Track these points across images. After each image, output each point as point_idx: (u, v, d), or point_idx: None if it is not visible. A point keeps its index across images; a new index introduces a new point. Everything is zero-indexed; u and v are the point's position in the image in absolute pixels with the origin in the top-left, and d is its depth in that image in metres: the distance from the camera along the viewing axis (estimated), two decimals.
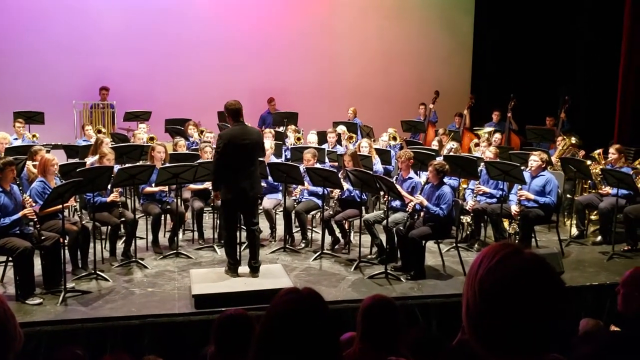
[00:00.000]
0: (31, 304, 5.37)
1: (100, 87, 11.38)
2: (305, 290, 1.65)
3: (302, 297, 1.61)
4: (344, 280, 6.20)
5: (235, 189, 5.78)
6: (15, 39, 11.26)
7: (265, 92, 11.86)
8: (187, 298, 5.57)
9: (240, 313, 2.84)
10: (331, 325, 1.62)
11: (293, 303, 1.58)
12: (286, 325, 1.55)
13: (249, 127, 6.09)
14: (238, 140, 5.74)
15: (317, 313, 1.59)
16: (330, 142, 9.21)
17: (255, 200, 6.13)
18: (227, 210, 5.98)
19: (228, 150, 5.72)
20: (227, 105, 5.90)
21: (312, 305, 1.60)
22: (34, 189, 6.00)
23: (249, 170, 5.82)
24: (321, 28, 12.87)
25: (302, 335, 1.54)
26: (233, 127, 5.90)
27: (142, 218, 7.54)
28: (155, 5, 11.92)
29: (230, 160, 5.76)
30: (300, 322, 1.55)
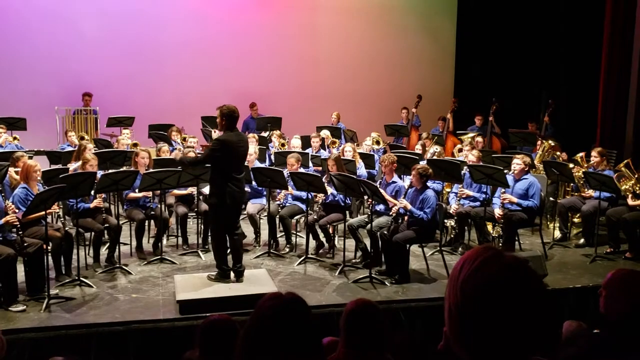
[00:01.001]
0: (14, 310, 5.32)
1: (83, 93, 11.31)
2: (288, 294, 1.67)
3: (285, 302, 1.63)
4: (329, 285, 6.22)
5: (226, 192, 5.77)
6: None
7: (247, 96, 11.86)
8: (171, 304, 5.55)
9: (224, 318, 2.85)
10: (314, 329, 1.64)
11: (276, 308, 1.60)
12: (269, 329, 1.57)
13: (241, 134, 6.15)
14: (235, 147, 5.75)
15: (300, 317, 1.61)
16: (314, 147, 9.23)
17: (239, 205, 6.17)
18: (216, 213, 5.96)
19: (221, 155, 5.70)
20: (224, 111, 5.79)
21: (295, 310, 1.62)
22: (17, 196, 5.94)
23: (239, 175, 5.87)
24: (304, 32, 12.92)
25: (286, 340, 1.56)
26: (231, 133, 5.83)
27: (126, 224, 7.50)
28: (137, 11, 11.88)
29: (226, 165, 5.76)
30: (283, 326, 1.57)
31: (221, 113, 5.81)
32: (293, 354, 1.55)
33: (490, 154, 9.00)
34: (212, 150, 5.80)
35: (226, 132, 5.83)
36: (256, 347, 1.57)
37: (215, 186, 5.83)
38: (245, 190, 6.18)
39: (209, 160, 5.84)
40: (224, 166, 5.76)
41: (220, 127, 5.92)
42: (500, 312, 1.19)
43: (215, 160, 5.75)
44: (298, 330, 1.59)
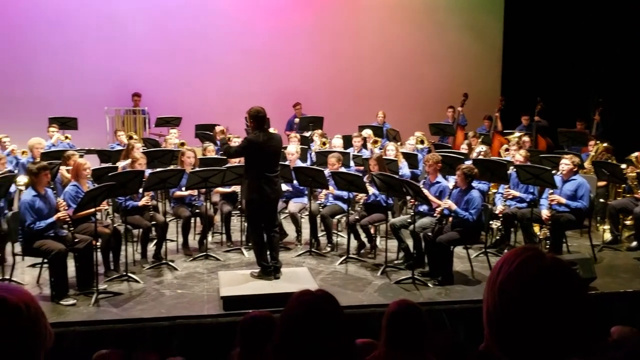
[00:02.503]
0: (65, 304, 5.51)
1: (132, 94, 11.61)
2: (318, 292, 1.67)
3: (314, 299, 1.64)
4: (370, 285, 6.20)
5: (259, 191, 5.89)
6: (50, 46, 11.55)
7: (291, 96, 11.93)
8: (215, 300, 5.64)
9: (263, 315, 2.88)
10: (344, 327, 1.64)
11: (306, 304, 1.61)
12: (299, 325, 1.57)
13: (272, 133, 6.20)
14: (263, 147, 5.83)
15: (329, 314, 1.61)
16: (355, 146, 9.20)
17: (275, 203, 6.21)
18: (252, 211, 6.07)
19: (251, 154, 5.88)
20: (252, 112, 5.98)
21: (325, 307, 1.62)
22: (68, 193, 6.15)
23: (272, 174, 5.94)
24: (347, 31, 12.90)
25: (316, 336, 1.56)
26: (259, 133, 5.94)
27: (173, 221, 7.66)
28: (184, 12, 12.10)
29: (256, 164, 5.87)
30: (313, 322, 1.57)
31: (249, 115, 6.02)
32: (323, 351, 1.55)
33: (537, 154, 8.78)
34: (240, 147, 6.07)
35: (254, 132, 5.96)
36: (288, 343, 1.58)
37: (248, 184, 5.99)
38: (280, 188, 6.21)
39: (235, 154, 6.25)
40: (254, 165, 5.92)
41: (251, 129, 6.07)
42: (539, 314, 1.17)
43: (243, 155, 5.94)
44: (327, 327, 1.59)
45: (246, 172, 6.11)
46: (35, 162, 6.73)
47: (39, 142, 8.25)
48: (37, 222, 5.64)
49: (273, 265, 6.10)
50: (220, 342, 5.11)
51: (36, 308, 1.32)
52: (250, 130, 6.08)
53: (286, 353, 1.58)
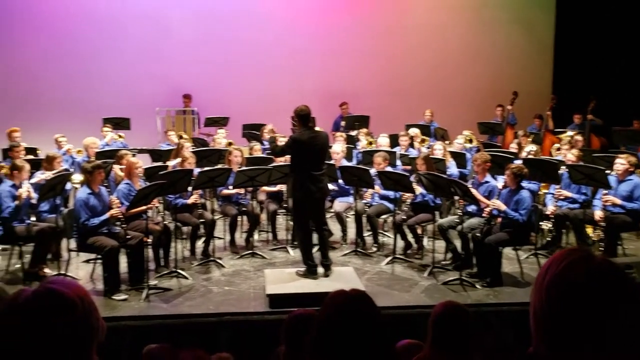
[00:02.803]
0: (117, 299, 5.68)
1: (183, 95, 11.86)
2: (352, 291, 1.67)
3: (349, 299, 1.63)
4: (417, 286, 6.15)
5: (304, 190, 5.94)
6: (106, 50, 11.92)
7: (337, 95, 11.94)
8: (262, 297, 5.71)
9: (308, 313, 2.89)
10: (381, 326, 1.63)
11: (339, 305, 1.61)
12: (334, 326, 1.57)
13: (318, 131, 6.20)
14: (307, 145, 5.87)
15: (365, 314, 1.60)
16: (402, 145, 9.13)
17: (321, 202, 6.22)
18: (298, 209, 6.13)
19: (296, 153, 5.94)
20: (296, 111, 6.06)
21: (360, 307, 1.61)
22: (121, 191, 6.34)
23: (317, 172, 5.96)
24: (393, 29, 12.80)
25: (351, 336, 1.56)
26: (303, 131, 6.01)
27: (220, 219, 7.79)
28: (231, 15, 12.27)
29: (300, 163, 5.91)
30: (347, 323, 1.57)
31: (294, 113, 6.09)
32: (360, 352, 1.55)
33: (590, 153, 8.50)
34: (285, 146, 6.16)
35: (302, 131, 6.01)
36: (323, 343, 1.58)
37: (293, 183, 6.09)
38: (326, 186, 6.22)
39: (281, 153, 6.35)
40: (299, 163, 5.98)
41: (298, 127, 6.12)
42: (587, 317, 1.13)
43: (288, 154, 6.06)
44: (363, 328, 1.58)
45: (292, 170, 6.19)
46: (90, 161, 6.97)
47: (93, 142, 8.53)
48: (91, 219, 5.84)
49: (323, 264, 6.13)
50: (266, 339, 5.16)
51: (89, 302, 1.36)
52: (295, 129, 6.13)
53: (322, 353, 1.58)
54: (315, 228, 6.26)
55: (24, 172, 6.41)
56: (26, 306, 1.30)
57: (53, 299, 1.31)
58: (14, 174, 6.35)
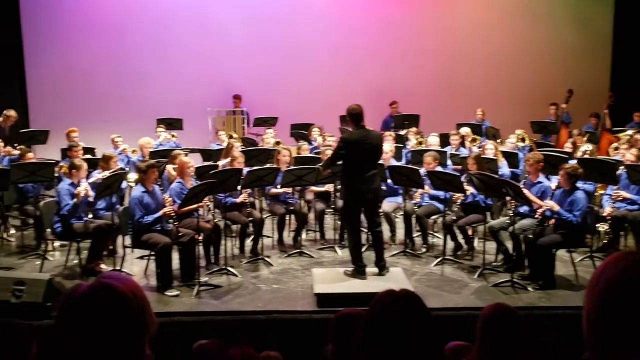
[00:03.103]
0: (169, 295, 5.82)
1: (233, 95, 12.04)
2: (402, 291, 1.65)
3: (398, 298, 1.62)
4: (467, 287, 6.05)
5: (355, 190, 5.90)
6: (158, 52, 12.23)
7: (386, 94, 11.87)
8: (309, 296, 5.74)
9: (356, 312, 2.89)
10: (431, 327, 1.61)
11: (388, 304, 1.60)
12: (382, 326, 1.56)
13: (370, 131, 6.15)
14: (358, 144, 5.84)
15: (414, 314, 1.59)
16: (453, 145, 9.00)
17: (374, 202, 6.17)
18: (348, 211, 6.11)
19: (347, 153, 5.86)
20: (348, 110, 6.04)
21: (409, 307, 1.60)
22: (173, 190, 6.50)
23: (368, 173, 5.90)
24: (442, 26, 12.62)
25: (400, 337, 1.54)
26: (354, 131, 6.00)
27: (269, 218, 7.87)
28: (280, 15, 12.36)
29: (350, 163, 5.88)
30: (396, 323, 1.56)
31: (347, 112, 6.05)
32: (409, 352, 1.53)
33: None
34: (336, 149, 6.07)
35: (353, 130, 6.00)
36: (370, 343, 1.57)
37: (343, 183, 6.05)
38: (378, 186, 6.16)
39: (334, 159, 6.08)
40: (350, 163, 5.91)
41: (350, 126, 6.11)
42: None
43: (341, 158, 5.95)
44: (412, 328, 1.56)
45: (343, 171, 6.14)
46: (144, 160, 7.18)
47: (148, 142, 8.77)
48: (145, 216, 6.01)
49: (378, 264, 6.11)
50: (314, 338, 5.19)
51: (142, 297, 1.41)
52: (344, 129, 6.15)
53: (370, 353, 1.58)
54: (369, 229, 6.22)
55: (82, 171, 6.66)
56: (82, 300, 1.36)
57: (108, 294, 1.36)
58: (73, 173, 6.61)
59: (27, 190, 7.80)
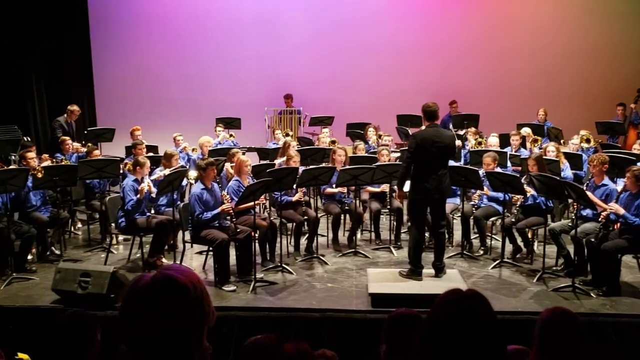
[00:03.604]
0: (226, 290, 5.95)
1: (284, 95, 12.17)
2: (468, 291, 1.63)
3: (463, 298, 1.60)
4: (525, 291, 5.90)
5: (422, 189, 5.84)
6: (217, 52, 12.50)
7: (444, 93, 11.69)
8: (364, 296, 5.73)
9: (411, 313, 2.87)
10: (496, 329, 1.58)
11: (454, 303, 1.57)
12: (446, 326, 1.54)
13: (442, 130, 6.09)
14: (429, 142, 5.78)
15: (480, 315, 1.56)
16: (513, 145, 8.79)
17: (440, 202, 6.08)
18: (414, 210, 6.06)
19: (417, 150, 5.80)
20: (423, 106, 6.01)
21: (475, 308, 1.57)
22: (231, 187, 6.63)
23: (438, 172, 5.83)
24: (503, 24, 12.33)
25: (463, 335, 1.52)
26: (426, 128, 5.96)
27: (324, 217, 7.91)
28: (338, 14, 12.39)
29: (420, 160, 5.83)
30: (460, 323, 1.54)
31: (422, 109, 6.02)
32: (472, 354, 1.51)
33: None
34: (408, 148, 6.01)
35: (426, 128, 5.95)
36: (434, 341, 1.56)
37: (411, 181, 5.94)
38: (447, 186, 6.00)
39: (408, 161, 5.95)
40: (418, 161, 5.84)
41: (424, 124, 6.07)
42: None
43: (412, 155, 5.86)
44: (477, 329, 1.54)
45: (412, 168, 5.99)
46: (204, 158, 7.35)
47: (207, 140, 8.98)
48: (204, 213, 6.16)
49: (436, 265, 6.05)
50: (368, 337, 5.18)
51: (202, 289, 1.46)
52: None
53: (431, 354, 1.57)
54: (432, 229, 6.17)
55: (145, 168, 6.90)
56: (145, 290, 1.41)
57: (169, 284, 1.41)
58: (137, 170, 6.85)
59: (93, 186, 8.15)
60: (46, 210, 7.14)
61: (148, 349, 1.39)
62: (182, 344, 1.41)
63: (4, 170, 6.45)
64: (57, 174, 6.94)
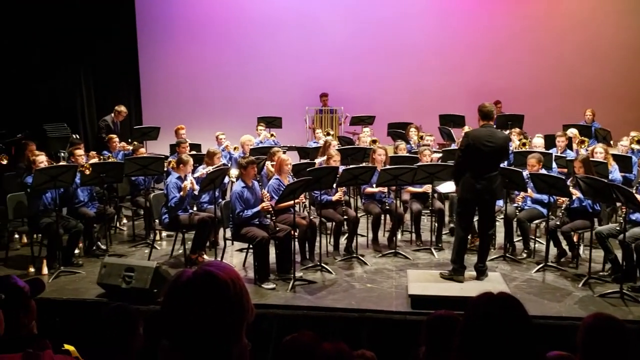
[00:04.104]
0: (266, 288, 6.00)
1: (320, 94, 12.18)
2: (500, 294, 1.61)
3: (495, 300, 1.57)
4: (570, 296, 5.75)
5: (471, 189, 5.77)
6: (258, 52, 12.61)
7: (489, 93, 11.46)
8: (403, 297, 5.69)
9: (450, 314, 2.84)
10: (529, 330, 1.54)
11: (486, 306, 1.55)
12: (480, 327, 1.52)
13: (497, 131, 6.01)
14: (481, 142, 5.71)
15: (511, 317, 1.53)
16: (559, 147, 8.57)
17: (490, 204, 5.97)
18: (462, 208, 5.99)
19: (470, 150, 5.74)
20: (479, 106, 5.95)
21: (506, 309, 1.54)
22: (271, 186, 6.69)
23: (488, 173, 5.75)
24: (547, 22, 12.07)
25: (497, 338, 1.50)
26: (480, 128, 5.90)
27: (363, 217, 7.88)
28: (379, 13, 12.33)
29: (471, 160, 5.75)
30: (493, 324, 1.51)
31: (478, 108, 5.96)
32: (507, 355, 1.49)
33: None
34: (460, 146, 5.98)
35: (480, 127, 5.90)
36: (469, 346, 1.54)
37: (462, 181, 5.86)
38: (497, 188, 5.89)
39: (459, 159, 5.90)
40: (469, 160, 5.78)
41: (478, 124, 6.03)
42: None
43: (464, 154, 5.81)
44: (511, 330, 1.51)
45: (463, 167, 5.95)
46: (245, 157, 7.42)
47: (249, 139, 9.08)
48: (245, 210, 6.23)
49: (478, 267, 5.97)
50: (407, 339, 5.14)
51: (241, 286, 1.47)
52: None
53: (468, 356, 1.55)
54: (480, 231, 6.09)
55: (188, 166, 7.02)
56: (187, 286, 1.44)
57: (210, 280, 1.43)
58: (180, 168, 6.99)
59: (138, 183, 8.34)
60: (93, 206, 7.35)
61: (188, 344, 1.42)
62: (222, 340, 1.43)
63: (54, 167, 6.66)
64: (104, 171, 7.14)
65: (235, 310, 1.44)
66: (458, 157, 5.94)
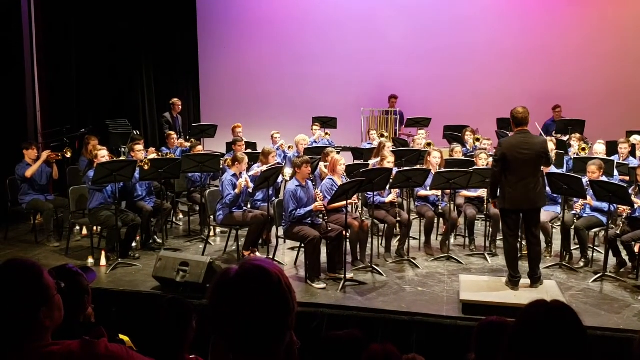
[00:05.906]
0: (316, 287, 6.05)
1: (389, 95, 12.10)
2: (554, 302, 1.57)
3: (549, 309, 1.54)
4: (629, 308, 5.53)
5: (509, 198, 5.65)
6: (315, 52, 12.68)
7: (548, 97, 11.20)
8: (455, 302, 5.62)
9: (501, 321, 2.79)
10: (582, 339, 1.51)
11: (539, 314, 1.53)
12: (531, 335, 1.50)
13: (532, 137, 5.82)
14: (516, 150, 5.58)
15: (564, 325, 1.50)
16: (621, 154, 8.25)
17: (532, 212, 5.80)
18: (504, 219, 5.87)
19: (505, 159, 5.62)
20: (512, 112, 5.80)
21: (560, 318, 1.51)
22: (324, 186, 6.73)
23: (526, 180, 5.60)
24: (610, 26, 11.58)
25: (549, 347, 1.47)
26: (514, 135, 5.76)
27: (416, 220, 7.82)
28: (438, 15, 12.18)
29: (507, 169, 5.64)
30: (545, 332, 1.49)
31: (510, 114, 5.81)
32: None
33: None
34: (494, 159, 5.82)
35: (514, 134, 5.76)
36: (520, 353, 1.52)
37: (500, 190, 5.77)
38: (538, 195, 5.72)
39: (494, 170, 5.78)
40: (505, 168, 5.66)
41: (513, 130, 5.88)
42: None
43: (498, 163, 5.68)
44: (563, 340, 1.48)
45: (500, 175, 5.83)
46: (299, 156, 7.50)
47: (303, 139, 9.17)
48: (298, 209, 6.29)
49: (531, 276, 5.83)
50: (457, 344, 5.08)
51: (287, 282, 1.50)
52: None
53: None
54: (526, 240, 5.95)
55: (243, 164, 7.16)
56: (236, 279, 1.48)
57: (260, 273, 1.47)
58: (235, 165, 7.13)
59: (195, 179, 8.56)
60: (151, 200, 7.59)
61: (238, 338, 1.45)
62: (270, 335, 1.45)
63: (114, 162, 6.92)
64: (162, 167, 7.35)
65: (284, 304, 1.46)
66: (494, 168, 5.78)
